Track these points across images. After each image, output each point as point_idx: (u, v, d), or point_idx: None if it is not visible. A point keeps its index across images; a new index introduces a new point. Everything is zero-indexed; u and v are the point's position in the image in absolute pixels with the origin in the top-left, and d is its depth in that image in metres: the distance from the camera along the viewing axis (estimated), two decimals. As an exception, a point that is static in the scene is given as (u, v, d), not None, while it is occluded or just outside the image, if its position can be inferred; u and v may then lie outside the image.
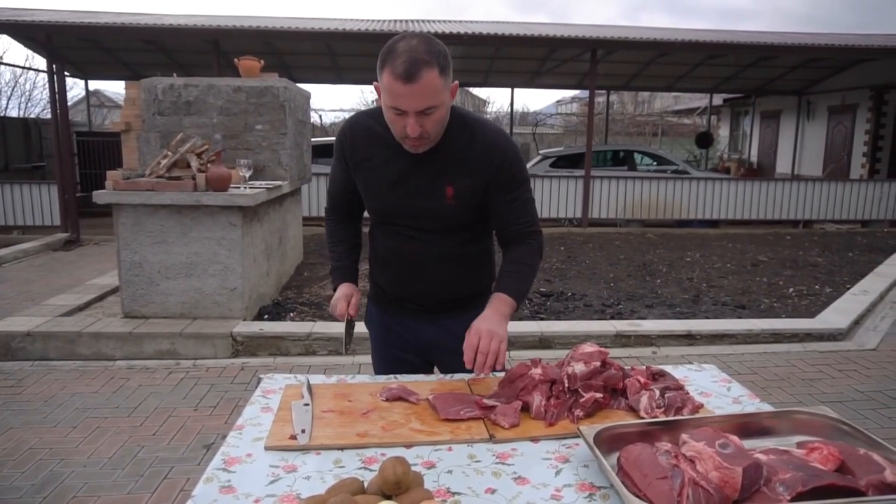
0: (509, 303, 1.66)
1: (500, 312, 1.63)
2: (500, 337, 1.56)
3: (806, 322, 4.86)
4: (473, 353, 1.53)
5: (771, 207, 10.50)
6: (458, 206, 1.67)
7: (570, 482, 1.21)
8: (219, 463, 1.28)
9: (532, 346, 4.44)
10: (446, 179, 1.64)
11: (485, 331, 1.55)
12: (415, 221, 1.71)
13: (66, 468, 2.83)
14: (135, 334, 4.27)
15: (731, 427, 1.34)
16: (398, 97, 1.47)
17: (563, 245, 8.49)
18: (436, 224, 1.70)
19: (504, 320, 1.63)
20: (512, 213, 1.70)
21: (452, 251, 1.75)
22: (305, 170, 6.53)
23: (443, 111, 1.54)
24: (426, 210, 1.68)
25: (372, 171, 1.70)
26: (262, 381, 1.71)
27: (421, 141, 1.55)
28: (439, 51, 1.49)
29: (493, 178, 1.65)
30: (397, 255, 1.79)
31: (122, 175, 4.43)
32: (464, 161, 1.64)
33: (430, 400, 1.50)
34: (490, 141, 1.64)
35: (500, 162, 1.64)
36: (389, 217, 1.76)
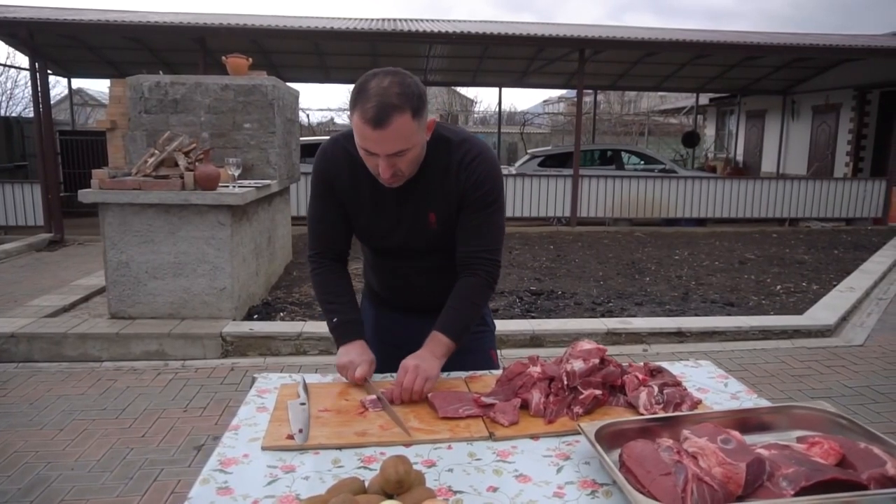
0: (445, 343, 1.59)
1: (433, 353, 1.57)
2: (427, 375, 1.51)
3: (794, 319, 4.91)
4: (399, 389, 1.49)
5: (757, 206, 10.59)
6: (441, 231, 1.65)
7: (571, 479, 1.20)
8: (215, 464, 1.25)
9: (523, 345, 4.44)
10: (429, 207, 1.62)
11: (412, 367, 1.51)
12: (400, 246, 1.70)
13: (53, 471, 2.78)
14: (122, 335, 4.22)
15: (731, 422, 1.33)
16: (368, 140, 1.43)
17: (553, 244, 8.50)
18: (420, 247, 1.69)
19: (436, 360, 1.57)
20: (472, 234, 1.64)
21: (440, 265, 1.72)
22: (294, 169, 6.49)
23: (416, 150, 1.50)
24: (411, 237, 1.67)
25: (355, 202, 1.66)
26: (257, 380, 1.68)
27: (394, 179, 1.51)
28: (412, 93, 1.42)
29: (463, 197, 1.61)
30: (386, 270, 1.79)
31: (109, 174, 4.37)
32: (443, 185, 1.61)
33: (429, 398, 1.49)
34: (466, 161, 1.60)
35: (472, 181, 1.60)
36: (376, 242, 1.74)
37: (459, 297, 1.66)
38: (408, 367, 1.52)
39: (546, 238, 8.94)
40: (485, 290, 1.68)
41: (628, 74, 13.47)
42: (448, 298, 1.66)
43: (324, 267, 1.74)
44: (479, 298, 1.69)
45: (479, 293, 1.68)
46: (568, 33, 10.27)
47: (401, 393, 1.50)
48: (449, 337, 1.60)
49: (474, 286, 1.66)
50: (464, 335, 1.64)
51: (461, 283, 1.67)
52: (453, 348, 1.62)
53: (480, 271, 1.66)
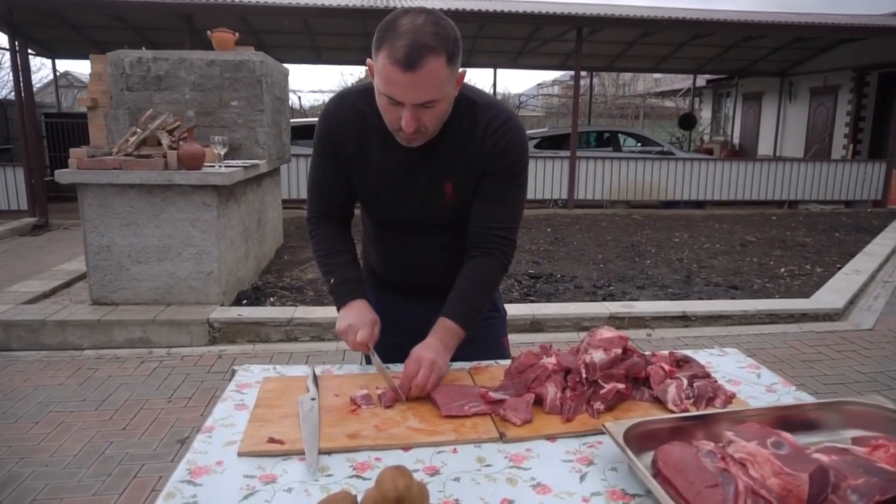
0: (455, 333, 1.42)
1: (444, 343, 1.40)
2: (441, 373, 1.35)
3: (802, 302, 4.77)
4: (409, 384, 1.32)
5: (756, 188, 10.44)
6: (458, 204, 1.47)
7: (598, 489, 1.04)
8: (183, 474, 1.08)
9: (524, 330, 4.28)
10: (446, 175, 1.44)
11: (426, 361, 1.33)
12: (411, 219, 1.51)
13: (25, 468, 2.61)
14: (104, 322, 4.03)
15: (773, 420, 1.17)
16: (394, 85, 1.24)
17: (550, 226, 8.34)
18: (434, 220, 1.51)
19: (447, 352, 1.40)
20: (490, 208, 1.46)
21: (451, 242, 1.54)
22: (284, 149, 6.27)
23: (445, 104, 1.32)
24: (424, 209, 1.48)
25: (363, 165, 1.47)
26: (237, 373, 1.51)
27: (416, 136, 1.32)
28: (448, 35, 1.24)
29: (486, 165, 1.43)
30: (392, 245, 1.61)
31: (87, 153, 4.15)
32: (464, 152, 1.42)
33: (430, 394, 1.32)
34: (493, 127, 1.41)
35: (498, 149, 1.42)
36: (382, 214, 1.55)
37: (471, 279, 1.47)
38: (423, 360, 1.33)
39: (543, 220, 8.77)
40: (499, 272, 1.50)
41: (625, 55, 13.23)
42: (457, 280, 1.48)
43: (321, 229, 1.57)
44: (492, 282, 1.51)
45: (492, 276, 1.50)
46: (566, 11, 10.02)
47: (410, 389, 1.31)
48: (459, 325, 1.42)
49: (488, 268, 1.48)
50: (475, 322, 1.47)
51: (473, 265, 1.48)
52: (463, 337, 1.44)
53: (496, 251, 1.47)
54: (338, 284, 1.52)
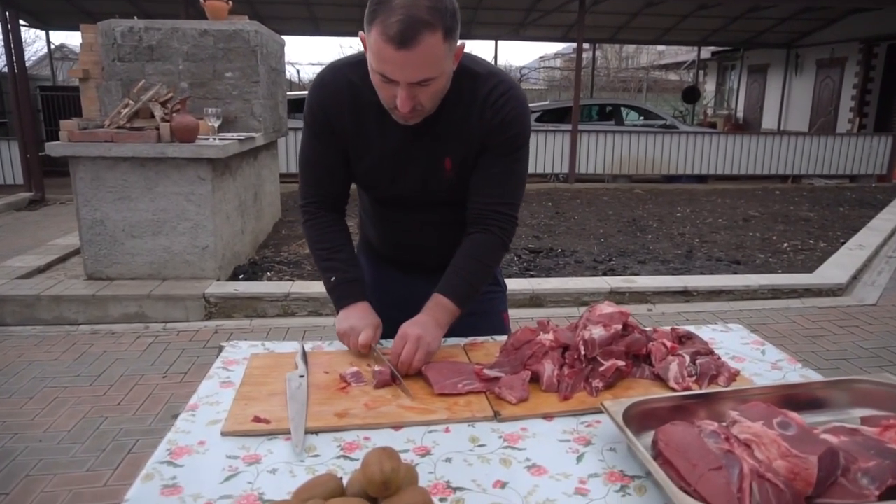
0: (449, 310, 1.36)
1: (437, 320, 1.34)
2: (430, 349, 1.29)
3: (805, 277, 4.71)
4: (396, 360, 1.27)
5: (760, 162, 10.32)
6: (457, 179, 1.40)
7: (595, 471, 0.99)
8: (163, 454, 1.04)
9: (523, 305, 4.24)
10: (445, 151, 1.37)
11: (414, 337, 1.27)
12: (409, 196, 1.45)
13: (19, 443, 2.58)
14: (98, 297, 3.98)
15: (779, 399, 1.12)
16: (388, 63, 1.16)
17: (551, 201, 8.26)
18: (433, 197, 1.44)
19: (439, 329, 1.34)
20: (490, 183, 1.39)
21: (449, 219, 1.48)
22: (281, 122, 6.16)
23: (442, 81, 1.24)
24: (423, 185, 1.41)
25: (359, 143, 1.40)
26: (224, 349, 1.46)
27: (413, 115, 1.24)
28: (445, 7, 1.16)
29: (486, 139, 1.36)
30: (390, 222, 1.55)
31: (79, 125, 4.07)
32: (463, 125, 1.35)
33: (423, 371, 1.27)
34: (494, 98, 1.34)
35: (498, 121, 1.34)
36: (380, 191, 1.49)
37: (468, 256, 1.41)
38: (408, 336, 1.28)
39: (544, 195, 8.69)
40: (498, 250, 1.44)
41: (628, 27, 12.99)
42: (455, 257, 1.42)
43: (318, 218, 1.48)
44: (491, 259, 1.44)
45: (491, 253, 1.43)
46: (568, -20, 9.81)
47: (398, 365, 1.27)
48: (454, 302, 1.36)
49: (486, 245, 1.41)
50: (471, 300, 1.41)
51: (471, 241, 1.42)
52: (457, 315, 1.38)
53: (494, 227, 1.41)
54: (338, 284, 1.44)
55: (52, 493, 2.28)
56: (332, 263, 1.46)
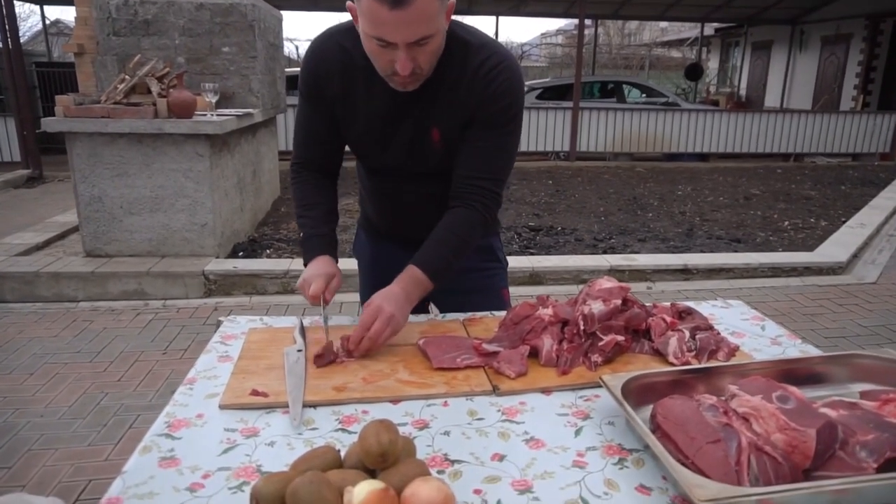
0: (422, 284, 1.33)
1: (408, 294, 1.31)
2: (397, 326, 1.26)
3: (805, 255, 4.71)
4: (362, 333, 1.23)
5: (762, 141, 10.25)
6: (446, 151, 1.38)
7: (593, 444, 0.99)
8: (161, 427, 1.04)
9: (523, 283, 4.24)
10: (432, 121, 1.34)
11: (384, 315, 1.24)
12: (399, 166, 1.43)
13: (20, 418, 2.60)
14: (98, 274, 3.98)
15: (778, 374, 1.12)
16: (384, 26, 1.13)
17: (551, 179, 8.22)
18: (422, 169, 1.43)
19: (409, 304, 1.31)
20: (474, 155, 1.36)
21: (441, 191, 1.45)
22: (279, 98, 6.10)
23: (439, 39, 1.21)
24: (411, 155, 1.40)
25: (348, 109, 1.38)
26: (222, 324, 1.46)
27: (412, 78, 1.22)
28: None
29: (476, 110, 1.32)
30: (384, 193, 1.53)
31: (75, 100, 4.02)
32: (452, 96, 1.32)
33: (421, 345, 1.27)
34: (485, 69, 1.30)
35: (488, 92, 1.30)
36: (370, 161, 1.48)
37: (447, 230, 1.38)
38: (378, 311, 1.24)
39: (544, 173, 8.64)
40: (477, 226, 1.40)
41: (631, 2, 12.80)
42: (434, 230, 1.39)
43: (301, 177, 1.50)
44: (468, 235, 1.40)
45: (469, 229, 1.39)
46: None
47: (361, 341, 1.23)
48: (427, 275, 1.33)
49: (465, 220, 1.38)
50: (443, 277, 1.37)
51: (452, 215, 1.39)
52: (429, 290, 1.36)
53: (476, 203, 1.38)
54: (307, 238, 1.45)
55: (54, 467, 2.29)
56: (304, 220, 1.47)
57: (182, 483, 0.89)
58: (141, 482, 0.89)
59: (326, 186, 1.52)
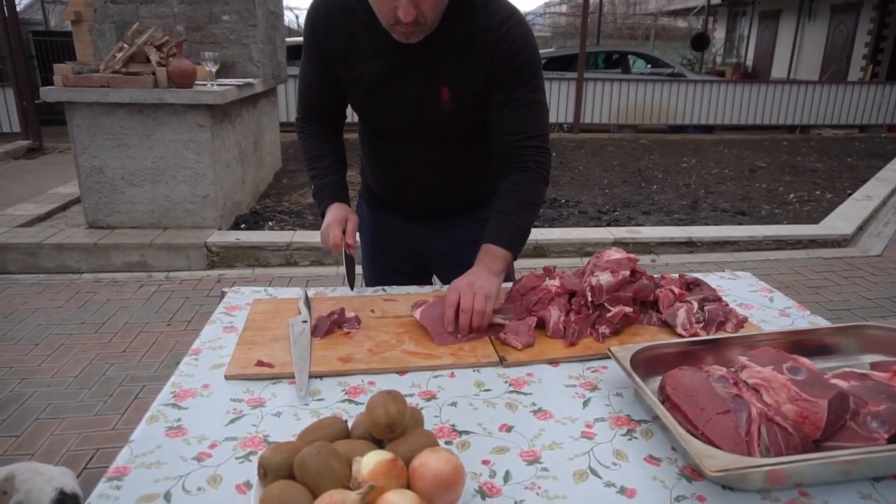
0: (501, 256, 1.30)
1: (488, 268, 1.28)
2: (486, 292, 1.22)
3: (810, 228, 4.68)
4: (453, 311, 1.20)
5: (768, 112, 10.12)
6: (456, 112, 1.34)
7: (602, 415, 0.99)
8: (167, 397, 1.04)
9: (526, 255, 4.22)
10: (442, 80, 1.31)
11: (465, 285, 1.22)
12: (405, 128, 1.40)
13: (27, 388, 2.61)
14: (100, 245, 3.97)
15: (786, 345, 1.11)
16: None
17: (555, 151, 8.12)
18: (430, 132, 1.39)
19: (493, 276, 1.28)
20: (512, 118, 1.33)
21: (451, 157, 1.44)
22: (280, 68, 6.03)
23: None
24: (418, 118, 1.36)
25: (351, 66, 1.35)
26: (227, 295, 1.45)
27: (415, 27, 1.19)
28: None
29: (493, 72, 1.29)
30: (387, 160, 1.50)
31: (73, 69, 3.97)
32: (462, 55, 1.29)
33: (420, 321, 1.25)
34: (493, 26, 1.27)
35: (502, 52, 1.27)
36: (375, 122, 1.44)
37: (511, 198, 1.35)
38: (461, 288, 1.22)
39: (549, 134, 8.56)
40: (540, 185, 1.38)
41: (638, -31, 12.54)
42: (495, 201, 1.37)
43: (308, 130, 1.50)
44: (535, 196, 1.38)
45: (533, 190, 1.37)
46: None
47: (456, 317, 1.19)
48: (503, 247, 1.31)
49: (527, 182, 1.36)
50: (521, 243, 1.36)
51: (511, 181, 1.36)
52: (511, 261, 1.34)
53: (531, 163, 1.35)
54: (318, 189, 1.45)
55: (62, 436, 2.31)
56: (314, 171, 1.47)
57: (189, 452, 0.88)
58: (148, 451, 0.89)
59: (332, 138, 1.51)
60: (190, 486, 0.82)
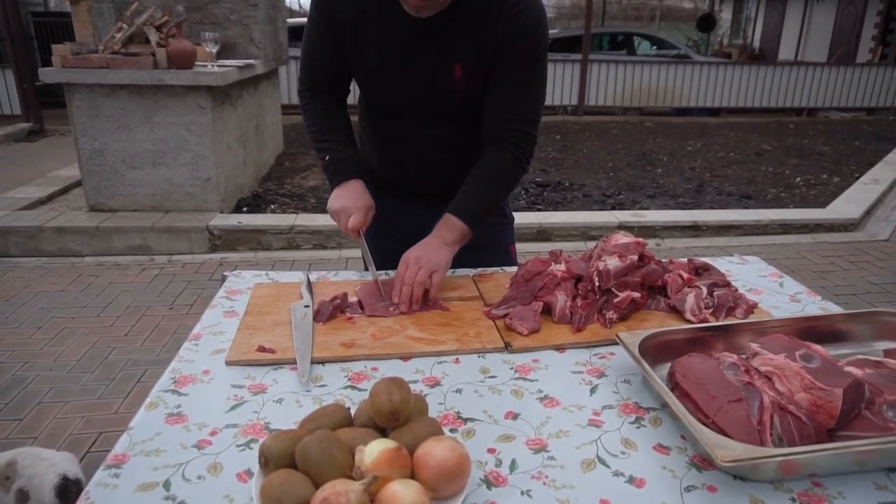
0: (458, 229, 1.30)
1: (442, 239, 1.29)
2: (433, 266, 1.24)
3: (816, 212, 4.64)
4: (400, 282, 1.23)
5: (774, 95, 10.01)
6: (467, 91, 1.31)
7: (609, 402, 0.97)
8: (167, 383, 1.02)
9: (530, 239, 4.20)
10: (454, 57, 1.27)
11: (413, 258, 1.24)
12: (412, 106, 1.36)
13: (30, 371, 2.61)
14: (102, 229, 3.95)
15: (798, 331, 1.09)
16: None
17: (559, 134, 8.08)
18: (438, 110, 1.36)
19: (445, 248, 1.29)
20: (506, 99, 1.31)
21: (458, 139, 1.41)
22: (281, 49, 5.95)
23: None
24: (428, 93, 1.32)
25: (361, 36, 1.30)
26: (227, 279, 1.43)
27: (427, 1, 1.16)
28: None
29: (501, 50, 1.26)
30: (393, 140, 1.46)
31: (72, 50, 3.92)
32: (476, 33, 1.25)
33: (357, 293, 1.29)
34: (508, 5, 1.24)
35: (514, 29, 1.24)
36: (383, 96, 1.40)
37: (482, 174, 1.35)
38: (409, 259, 1.25)
39: (552, 128, 8.49)
40: (514, 170, 1.37)
41: (644, -52, 12.34)
42: (468, 176, 1.36)
43: (314, 102, 1.44)
44: (506, 179, 1.39)
45: (506, 172, 1.37)
46: None
47: (400, 289, 1.23)
48: (464, 221, 1.31)
49: (502, 163, 1.35)
50: (483, 221, 1.36)
51: (486, 159, 1.36)
52: (469, 236, 1.34)
53: (511, 145, 1.34)
54: (333, 162, 1.40)
55: (65, 420, 2.31)
56: (326, 144, 1.42)
57: (189, 440, 0.87)
58: (147, 438, 0.87)
59: (340, 110, 1.47)
60: (190, 475, 0.80)
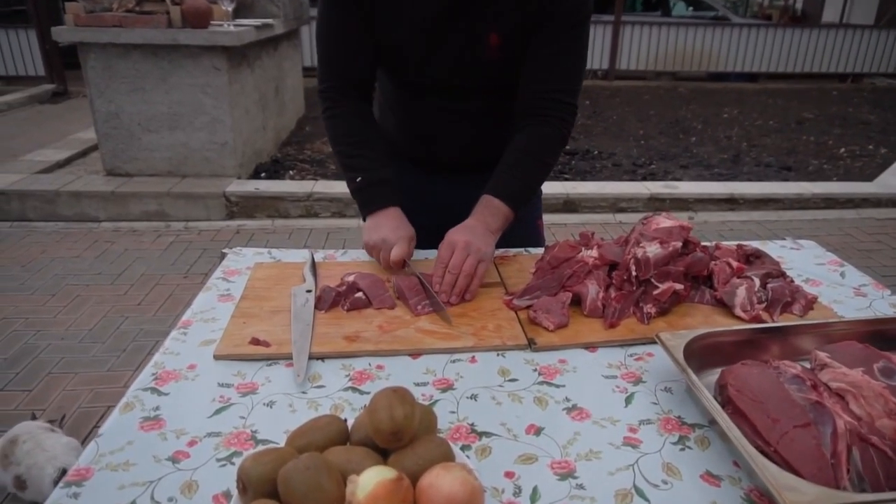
0: (501, 212, 1.18)
1: (486, 224, 1.15)
2: (480, 254, 1.09)
3: (862, 186, 4.38)
4: (443, 269, 1.08)
5: (817, 59, 9.52)
6: (503, 60, 1.17)
7: (648, 416, 0.84)
8: (147, 379, 0.91)
9: (556, 210, 4.03)
10: (490, 23, 1.13)
11: (461, 243, 1.09)
12: (443, 79, 1.22)
13: (41, 340, 2.57)
14: (118, 194, 3.89)
15: (869, 335, 0.94)
16: None
17: (588, 99, 7.79)
18: (471, 82, 1.22)
19: (490, 234, 1.15)
20: (546, 66, 1.17)
21: (488, 110, 1.28)
22: (302, 8, 5.77)
23: None
24: (460, 67, 1.18)
25: (385, 10, 1.15)
26: (226, 257, 1.31)
27: None
28: None
29: (541, 12, 1.12)
30: (417, 113, 1.32)
31: (85, 8, 3.80)
32: None
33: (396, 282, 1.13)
34: None
35: None
36: (408, 74, 1.25)
37: (524, 151, 1.21)
38: (455, 243, 1.10)
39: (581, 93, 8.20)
40: (557, 145, 1.25)
41: None
42: (505, 153, 1.22)
43: (341, 106, 1.26)
44: (549, 155, 1.25)
45: (550, 148, 1.24)
46: None
47: (443, 276, 1.08)
48: (505, 202, 1.18)
49: (544, 138, 1.22)
50: (526, 203, 1.23)
51: (527, 134, 1.21)
52: (511, 220, 1.20)
53: (553, 119, 1.20)
54: (368, 185, 1.24)
55: (73, 392, 2.26)
56: (357, 161, 1.25)
57: (164, 451, 0.76)
58: (117, 448, 0.77)
59: (371, 118, 1.30)
60: (160, 496, 0.69)
